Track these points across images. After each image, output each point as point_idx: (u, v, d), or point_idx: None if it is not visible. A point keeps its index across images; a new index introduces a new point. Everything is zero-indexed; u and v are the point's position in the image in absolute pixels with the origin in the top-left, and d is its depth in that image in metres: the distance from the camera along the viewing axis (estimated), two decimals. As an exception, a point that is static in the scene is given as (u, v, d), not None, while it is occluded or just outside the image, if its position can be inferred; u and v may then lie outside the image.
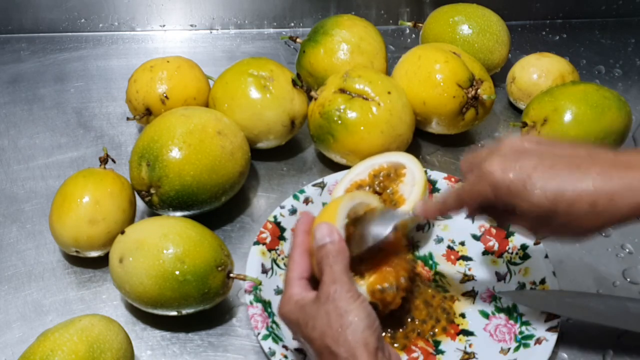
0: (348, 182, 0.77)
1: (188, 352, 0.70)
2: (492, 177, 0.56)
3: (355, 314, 0.55)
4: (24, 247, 0.79)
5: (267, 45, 1.10)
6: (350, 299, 0.56)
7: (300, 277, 0.61)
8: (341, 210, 0.63)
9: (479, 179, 0.57)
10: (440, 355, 0.69)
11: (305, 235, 0.63)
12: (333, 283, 0.57)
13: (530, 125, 0.85)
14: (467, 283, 0.75)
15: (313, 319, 0.57)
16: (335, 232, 0.60)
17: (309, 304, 0.58)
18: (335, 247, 0.59)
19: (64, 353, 0.58)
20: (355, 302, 0.56)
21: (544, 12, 1.15)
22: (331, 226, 0.61)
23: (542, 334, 0.67)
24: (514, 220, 0.59)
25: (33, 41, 1.09)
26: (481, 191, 0.57)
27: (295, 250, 0.62)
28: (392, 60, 0.96)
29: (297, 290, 0.59)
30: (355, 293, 0.57)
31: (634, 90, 1.03)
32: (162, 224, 0.69)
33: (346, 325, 0.55)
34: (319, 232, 0.60)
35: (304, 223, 0.64)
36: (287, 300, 0.60)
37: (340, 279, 0.57)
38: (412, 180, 0.75)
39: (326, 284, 0.57)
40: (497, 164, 0.56)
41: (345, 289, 0.57)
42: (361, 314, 0.56)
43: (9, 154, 0.91)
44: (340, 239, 0.60)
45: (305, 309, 0.58)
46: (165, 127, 0.76)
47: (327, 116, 0.82)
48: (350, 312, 0.55)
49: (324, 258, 0.59)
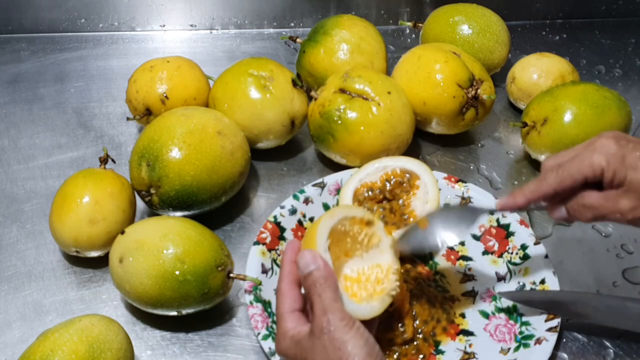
0: (357, 182, 0.76)
1: (188, 352, 0.70)
2: (609, 148, 0.59)
3: (353, 344, 0.53)
4: (24, 247, 0.79)
5: (267, 45, 1.10)
6: (345, 328, 0.54)
7: (292, 310, 0.58)
8: (320, 233, 0.60)
9: (589, 154, 0.59)
10: (440, 355, 0.69)
11: (292, 264, 0.60)
12: (324, 314, 0.55)
13: (530, 125, 0.85)
14: (467, 283, 0.75)
15: (311, 353, 0.54)
16: (319, 257, 0.57)
17: (305, 338, 0.56)
18: (321, 274, 0.56)
19: (64, 353, 0.58)
20: (351, 331, 0.54)
21: (544, 12, 1.15)
22: (314, 252, 0.58)
23: (542, 334, 0.67)
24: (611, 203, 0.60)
25: (33, 41, 1.09)
26: (594, 163, 0.59)
27: (282, 282, 0.60)
28: (392, 60, 0.96)
29: (291, 325, 0.57)
30: (349, 320, 0.55)
31: (634, 90, 1.03)
32: (162, 224, 0.69)
33: (345, 357, 0.53)
34: (301, 261, 0.57)
35: (290, 252, 0.61)
36: (282, 337, 0.57)
37: (331, 307, 0.55)
38: (424, 195, 0.73)
39: (318, 316, 0.55)
40: (612, 138, 0.60)
41: (338, 317, 0.55)
42: (359, 342, 0.54)
43: (9, 154, 0.91)
44: (325, 264, 0.57)
45: (301, 344, 0.56)
46: (165, 127, 0.76)
47: (327, 116, 0.82)
48: (347, 343, 0.53)
49: (312, 287, 0.56)
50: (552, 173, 0.61)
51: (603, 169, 0.59)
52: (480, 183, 0.87)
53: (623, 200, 0.59)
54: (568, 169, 0.60)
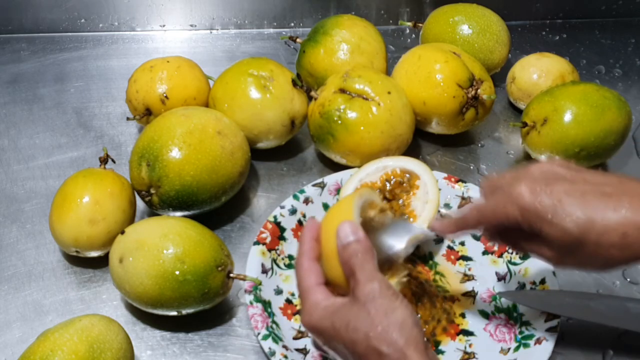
0: (358, 182, 0.76)
1: (188, 352, 0.70)
2: (522, 199, 0.55)
3: (401, 312, 0.53)
4: (24, 247, 0.79)
5: (267, 45, 1.10)
6: (392, 297, 0.54)
7: (318, 283, 0.58)
8: (355, 207, 0.60)
9: (505, 200, 0.56)
10: (440, 355, 0.69)
11: (313, 242, 0.60)
12: (370, 281, 0.54)
13: (530, 125, 0.85)
14: (467, 283, 0.75)
15: (354, 320, 0.54)
16: (360, 230, 0.57)
17: (344, 307, 0.55)
18: (362, 246, 0.56)
19: (64, 353, 0.58)
20: (398, 300, 0.54)
21: (544, 12, 1.15)
22: (354, 224, 0.58)
23: (542, 334, 0.67)
24: (536, 248, 0.57)
25: (33, 41, 1.09)
26: (508, 212, 0.56)
27: (303, 257, 0.59)
28: (392, 60, 0.96)
29: (322, 297, 0.57)
30: (395, 291, 0.54)
31: (634, 90, 1.03)
32: (162, 224, 0.69)
33: (394, 324, 0.52)
34: (342, 231, 0.57)
35: (311, 230, 0.61)
36: (312, 308, 0.57)
37: (377, 276, 0.55)
38: (424, 195, 0.73)
39: (362, 282, 0.54)
40: (528, 186, 0.55)
41: (385, 285, 0.54)
42: (407, 312, 0.53)
43: (9, 154, 0.90)
44: (365, 237, 0.57)
45: (339, 313, 0.55)
46: (165, 127, 0.76)
47: (327, 116, 0.82)
48: (396, 310, 0.53)
49: (352, 257, 0.56)
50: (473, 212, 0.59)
51: (518, 221, 0.56)
52: (480, 183, 0.86)
53: (545, 249, 0.57)
54: (485, 214, 0.58)
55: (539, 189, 0.54)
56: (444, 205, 0.79)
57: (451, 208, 0.80)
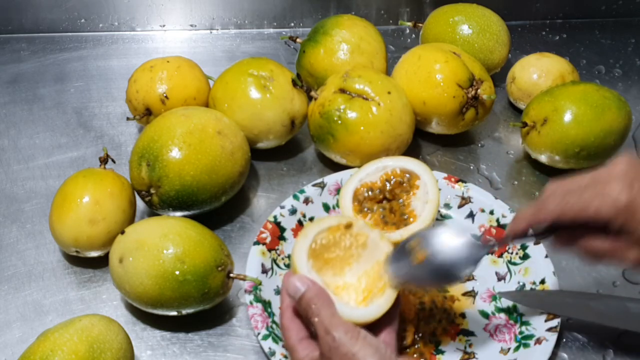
0: (358, 182, 0.75)
1: (188, 352, 0.70)
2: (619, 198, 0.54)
3: (363, 354, 0.54)
4: (24, 247, 0.79)
5: (267, 45, 1.10)
6: (351, 341, 0.54)
7: (299, 339, 0.59)
8: (299, 256, 0.60)
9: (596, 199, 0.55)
10: (440, 355, 0.69)
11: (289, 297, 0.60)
12: (327, 332, 0.55)
13: (530, 125, 0.85)
14: (467, 283, 0.75)
15: None
16: (305, 278, 0.58)
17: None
18: (312, 293, 0.57)
19: (64, 353, 0.58)
20: (357, 342, 0.54)
21: (544, 12, 1.15)
22: (299, 276, 0.59)
23: (542, 334, 0.67)
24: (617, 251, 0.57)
25: (33, 41, 1.09)
26: (600, 211, 0.55)
27: (284, 316, 0.60)
28: (392, 60, 0.96)
29: (303, 353, 0.58)
30: (354, 332, 0.55)
31: (634, 90, 1.03)
32: (162, 224, 0.69)
33: None
34: (290, 288, 0.58)
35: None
36: None
37: (332, 324, 0.55)
38: (424, 195, 0.72)
39: (321, 336, 0.55)
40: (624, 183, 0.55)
41: (342, 331, 0.55)
42: (369, 351, 0.54)
43: (9, 154, 0.91)
44: (313, 283, 0.58)
45: None
46: (165, 127, 0.76)
47: (327, 116, 0.82)
48: (357, 354, 0.54)
49: (308, 309, 0.57)
50: (556, 199, 0.58)
51: (610, 220, 0.55)
52: (480, 183, 0.87)
53: (631, 250, 0.57)
54: (571, 206, 0.57)
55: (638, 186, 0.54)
56: (444, 205, 0.79)
57: (451, 208, 0.80)
